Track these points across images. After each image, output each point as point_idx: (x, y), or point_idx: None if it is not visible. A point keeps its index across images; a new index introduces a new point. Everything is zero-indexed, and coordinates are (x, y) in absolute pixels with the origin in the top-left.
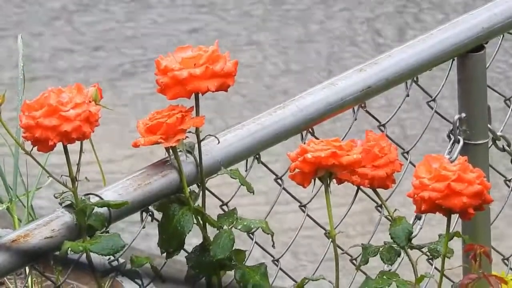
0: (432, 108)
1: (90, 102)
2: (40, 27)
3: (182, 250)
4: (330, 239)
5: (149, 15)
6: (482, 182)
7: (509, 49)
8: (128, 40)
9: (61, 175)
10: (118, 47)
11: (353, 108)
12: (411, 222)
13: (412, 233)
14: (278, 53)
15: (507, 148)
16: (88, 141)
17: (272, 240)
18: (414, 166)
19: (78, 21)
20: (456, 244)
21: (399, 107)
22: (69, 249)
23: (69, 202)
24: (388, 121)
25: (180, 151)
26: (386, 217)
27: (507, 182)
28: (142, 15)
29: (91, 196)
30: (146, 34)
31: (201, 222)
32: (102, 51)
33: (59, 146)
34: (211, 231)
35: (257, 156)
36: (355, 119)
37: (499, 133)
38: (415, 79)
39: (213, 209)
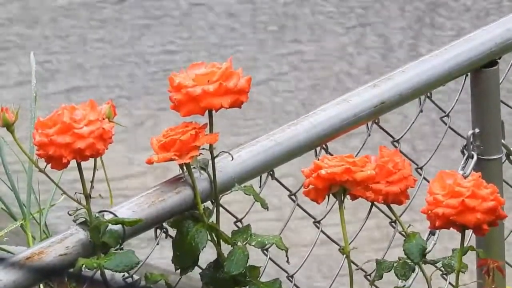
0: (445, 124)
1: (103, 119)
2: (53, 44)
3: (196, 267)
4: (344, 255)
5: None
6: (496, 198)
7: None
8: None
9: (75, 192)
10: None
11: (367, 124)
12: (425, 238)
13: (425, 249)
14: (290, 69)
15: None
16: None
17: (287, 255)
18: (428, 181)
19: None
20: (471, 259)
21: (413, 122)
22: (83, 266)
23: (83, 219)
24: (401, 137)
25: (194, 167)
26: (400, 232)
27: None
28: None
29: (105, 213)
30: (160, 52)
31: (215, 238)
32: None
33: (73, 163)
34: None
35: (271, 172)
36: (369, 135)
37: None
38: (428, 94)
39: (228, 225)
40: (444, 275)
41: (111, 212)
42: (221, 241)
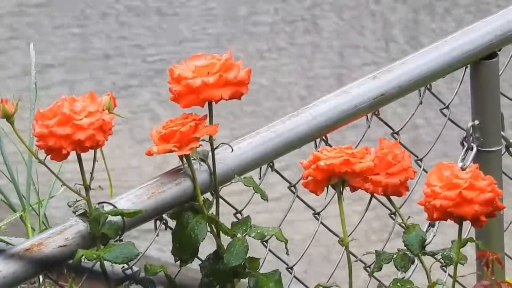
0: (445, 116)
1: (103, 110)
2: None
3: (196, 258)
4: (344, 247)
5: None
6: (493, 189)
7: None
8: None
9: (75, 184)
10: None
11: (367, 116)
12: (424, 229)
13: (425, 240)
14: (291, 61)
15: None
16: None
17: (286, 247)
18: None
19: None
20: (471, 251)
21: (413, 114)
22: (83, 257)
23: (82, 211)
24: (401, 128)
25: (194, 159)
26: (400, 224)
27: None
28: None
29: (104, 204)
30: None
31: (214, 230)
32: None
33: (73, 154)
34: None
35: (271, 164)
36: (369, 127)
37: None
38: (428, 86)
39: (227, 216)
40: (443, 267)
41: (110, 204)
42: (220, 232)
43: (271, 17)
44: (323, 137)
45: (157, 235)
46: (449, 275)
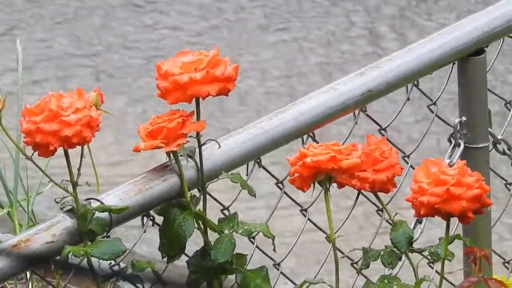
0: (432, 112)
1: (91, 107)
2: (42, 31)
3: (183, 255)
4: (331, 243)
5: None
6: (480, 186)
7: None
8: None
9: (62, 180)
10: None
11: (354, 112)
12: (411, 226)
13: (412, 237)
14: (276, 57)
15: (507, 151)
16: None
17: (273, 244)
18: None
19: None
20: (458, 248)
21: (400, 110)
22: (70, 253)
23: (70, 207)
24: (388, 125)
25: (181, 155)
26: (387, 221)
27: (508, 185)
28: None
29: (92, 200)
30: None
31: (202, 226)
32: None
33: (60, 150)
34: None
35: (258, 160)
36: (356, 123)
37: (499, 137)
38: (415, 82)
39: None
40: (431, 263)
41: (97, 200)
42: (208, 229)
43: (258, 11)
44: (310, 134)
45: (144, 232)
46: (436, 271)
